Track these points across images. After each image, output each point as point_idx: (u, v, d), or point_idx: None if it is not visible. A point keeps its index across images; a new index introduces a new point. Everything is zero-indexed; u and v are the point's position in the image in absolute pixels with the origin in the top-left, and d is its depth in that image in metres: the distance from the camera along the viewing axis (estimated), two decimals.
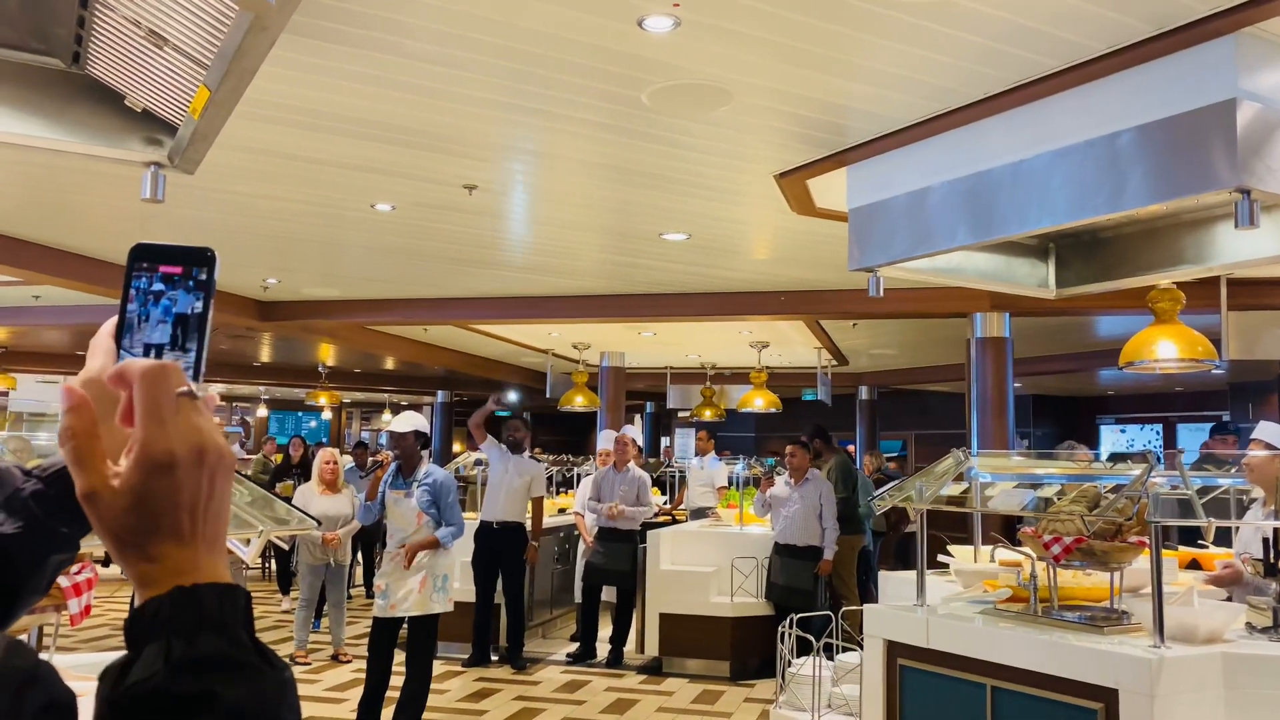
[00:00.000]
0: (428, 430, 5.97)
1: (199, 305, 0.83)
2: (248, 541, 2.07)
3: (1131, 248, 4.87)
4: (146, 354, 0.80)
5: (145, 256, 0.84)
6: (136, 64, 2.84)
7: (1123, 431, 18.12)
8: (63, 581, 2.18)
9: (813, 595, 6.95)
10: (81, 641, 7.70)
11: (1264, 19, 3.14)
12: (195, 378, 0.81)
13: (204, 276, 0.84)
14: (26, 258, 7.19)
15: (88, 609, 2.18)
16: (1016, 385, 14.00)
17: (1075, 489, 4.03)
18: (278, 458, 12.09)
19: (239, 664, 0.61)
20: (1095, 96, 3.68)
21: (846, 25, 3.34)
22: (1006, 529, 6.00)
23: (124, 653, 0.62)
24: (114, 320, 0.83)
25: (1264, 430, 5.02)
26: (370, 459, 11.01)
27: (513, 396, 17.06)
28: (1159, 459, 3.59)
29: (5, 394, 14.27)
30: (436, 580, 5.57)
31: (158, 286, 0.83)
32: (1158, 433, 17.44)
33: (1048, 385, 16.08)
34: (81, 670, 2.28)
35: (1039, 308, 7.53)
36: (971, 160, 4.18)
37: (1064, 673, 3.26)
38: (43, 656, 0.54)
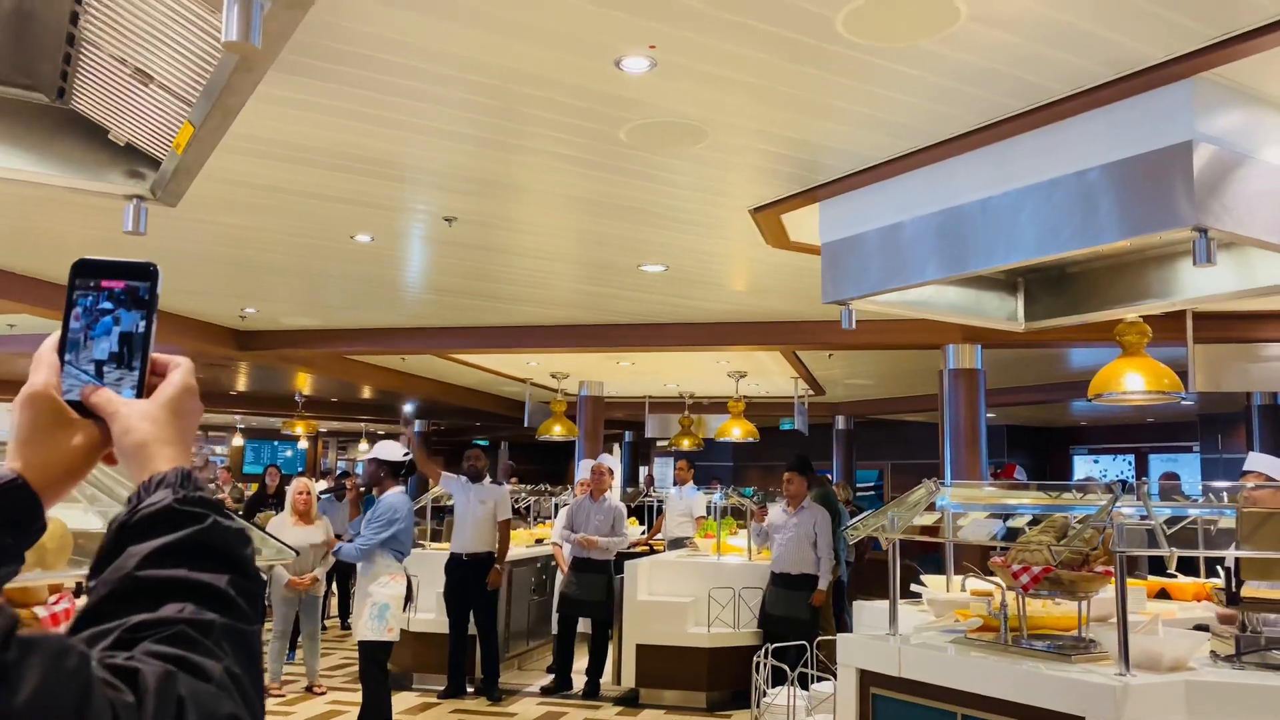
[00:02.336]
0: (398, 458, 6.14)
1: (142, 323, 0.87)
2: None
3: (1098, 282, 4.99)
4: (97, 372, 0.85)
5: (88, 271, 0.87)
6: (121, 100, 2.88)
7: (1095, 462, 18.29)
8: (40, 611, 2.19)
9: (809, 624, 6.81)
10: None
11: (1219, 64, 3.26)
12: (139, 391, 0.86)
13: (146, 293, 0.87)
14: (3, 286, 7.17)
15: None
16: (990, 416, 14.12)
17: (1046, 519, 4.11)
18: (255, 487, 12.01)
19: (224, 510, 0.83)
20: (1059, 137, 3.79)
21: (817, 67, 3.44)
22: (982, 560, 6.06)
23: None
24: (56, 335, 0.87)
25: (1257, 462, 5.06)
26: (337, 484, 11.06)
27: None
28: (1124, 489, 3.67)
29: None
30: (374, 608, 5.74)
31: (103, 305, 0.86)
32: (1130, 463, 17.62)
33: (1022, 416, 16.26)
34: None
35: (1010, 340, 7.64)
36: (941, 197, 4.28)
37: (1032, 701, 3.31)
38: None
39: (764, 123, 3.98)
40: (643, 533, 11.29)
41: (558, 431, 11.95)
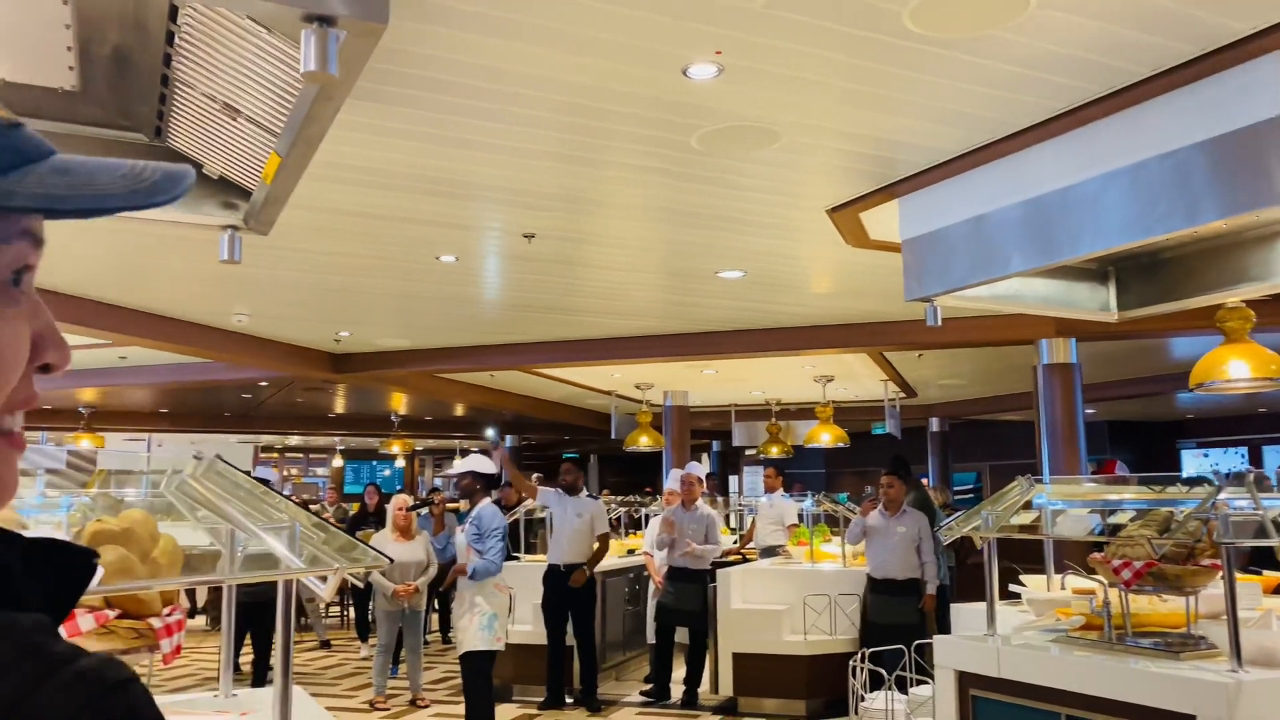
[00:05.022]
0: (491, 471, 6.24)
1: None
2: (324, 579, 2.18)
3: (1194, 267, 4.81)
4: None
5: None
6: (213, 135, 3.03)
7: (1205, 455, 17.54)
8: (155, 623, 2.31)
9: (919, 629, 6.52)
10: (166, 679, 7.93)
11: None
12: None
13: None
14: (115, 320, 7.55)
15: (178, 649, 2.31)
16: (1090, 411, 13.65)
17: (1148, 513, 3.98)
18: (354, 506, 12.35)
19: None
20: (1143, 118, 3.68)
21: (888, 63, 3.41)
22: (1083, 558, 5.88)
23: None
24: None
25: None
26: (424, 499, 11.31)
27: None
28: (1229, 479, 3.54)
29: (96, 453, 14.85)
30: (482, 619, 5.85)
31: None
32: (1243, 455, 16.85)
33: (1124, 410, 15.70)
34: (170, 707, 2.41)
35: (1105, 332, 7.41)
36: (1023, 187, 4.20)
37: (1139, 699, 3.21)
38: None
39: (835, 121, 3.96)
40: (735, 541, 11.24)
41: (644, 442, 11.99)
